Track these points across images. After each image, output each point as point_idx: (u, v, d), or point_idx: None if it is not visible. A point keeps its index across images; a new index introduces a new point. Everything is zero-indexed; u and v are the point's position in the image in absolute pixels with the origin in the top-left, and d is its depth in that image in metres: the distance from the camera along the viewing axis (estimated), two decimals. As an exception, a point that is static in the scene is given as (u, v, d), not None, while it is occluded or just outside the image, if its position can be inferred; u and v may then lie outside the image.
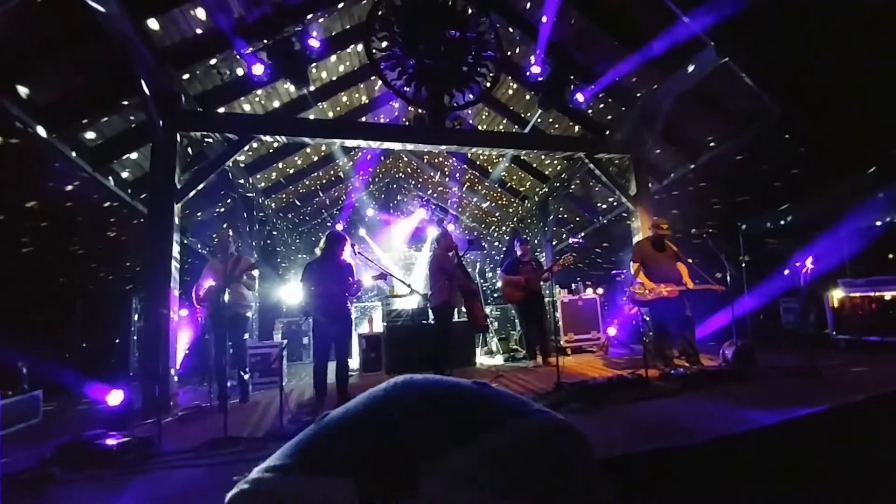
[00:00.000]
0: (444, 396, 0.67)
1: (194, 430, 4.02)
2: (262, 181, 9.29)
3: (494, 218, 13.46)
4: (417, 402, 0.65)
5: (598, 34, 6.60)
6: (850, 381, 4.26)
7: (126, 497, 2.62)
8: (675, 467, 2.59)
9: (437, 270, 5.77)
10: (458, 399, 0.67)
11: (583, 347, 7.83)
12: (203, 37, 5.57)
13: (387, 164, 12.24)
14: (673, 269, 5.68)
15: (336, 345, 4.92)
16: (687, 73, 6.22)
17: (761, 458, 2.80)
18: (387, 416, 0.64)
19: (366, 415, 0.66)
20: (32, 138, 5.13)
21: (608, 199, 9.96)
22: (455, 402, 0.66)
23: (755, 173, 7.68)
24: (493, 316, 8.70)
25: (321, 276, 4.85)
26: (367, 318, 8.63)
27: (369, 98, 8.87)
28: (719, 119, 7.05)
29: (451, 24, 6.28)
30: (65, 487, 2.78)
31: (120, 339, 6.74)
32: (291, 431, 3.58)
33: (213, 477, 2.86)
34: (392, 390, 0.69)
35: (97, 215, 7.07)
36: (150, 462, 3.14)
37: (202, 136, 5.96)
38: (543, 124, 8.77)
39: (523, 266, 6.90)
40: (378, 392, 0.70)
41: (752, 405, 3.51)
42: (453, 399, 0.67)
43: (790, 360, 4.93)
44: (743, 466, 2.72)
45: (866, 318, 6.08)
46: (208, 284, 5.24)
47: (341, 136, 6.51)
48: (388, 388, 0.71)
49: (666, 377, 4.76)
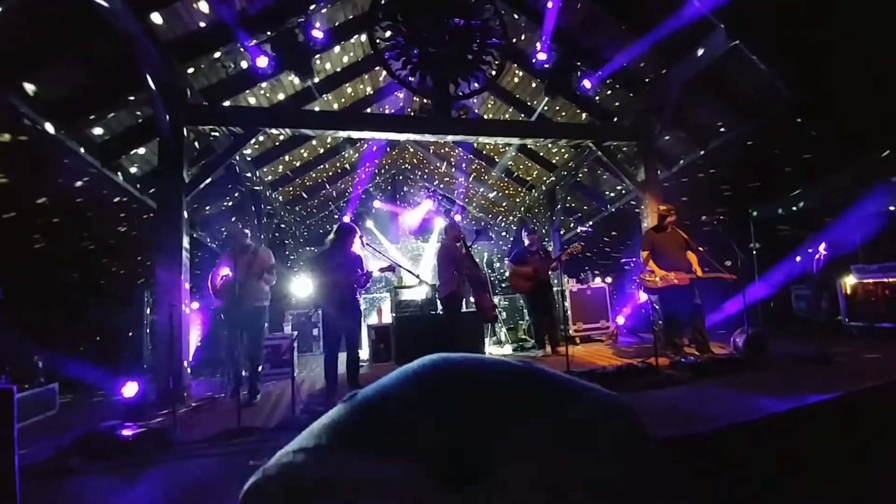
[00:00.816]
0: (496, 372, 0.64)
1: (208, 421, 4.09)
2: (269, 174, 9.30)
3: (502, 208, 13.40)
4: (468, 379, 0.62)
5: (604, 18, 6.51)
6: (862, 368, 4.23)
7: (142, 487, 2.67)
8: (687, 455, 2.58)
9: (445, 260, 5.77)
10: (513, 374, 0.63)
11: (592, 336, 7.82)
12: (206, 30, 5.56)
13: (393, 156, 12.21)
14: (683, 257, 5.64)
15: (346, 336, 4.96)
16: (696, 56, 6.12)
17: (773, 446, 2.79)
18: (443, 392, 0.60)
19: (416, 392, 0.61)
20: (41, 135, 5.17)
21: (616, 187, 9.87)
22: (511, 377, 0.63)
23: (766, 159, 7.58)
24: (502, 306, 8.69)
25: (330, 266, 4.88)
26: (376, 309, 8.66)
27: (374, 89, 8.84)
28: (729, 104, 6.94)
29: (456, 12, 6.21)
30: (83, 478, 2.83)
31: (133, 332, 6.82)
32: (303, 421, 3.62)
33: (227, 466, 2.90)
34: (433, 366, 0.65)
35: (107, 210, 7.13)
36: (165, 452, 3.19)
37: (209, 129, 5.97)
38: (550, 112, 8.69)
39: (531, 256, 6.88)
40: (418, 369, 0.65)
41: (763, 393, 3.50)
42: (508, 375, 0.63)
43: (802, 348, 4.89)
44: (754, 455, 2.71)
45: (879, 305, 6.01)
46: (224, 274, 5.10)
47: (347, 127, 6.49)
48: (429, 364, 0.66)
49: (676, 365, 4.75)
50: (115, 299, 7.06)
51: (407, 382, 0.64)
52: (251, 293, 4.99)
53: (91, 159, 5.86)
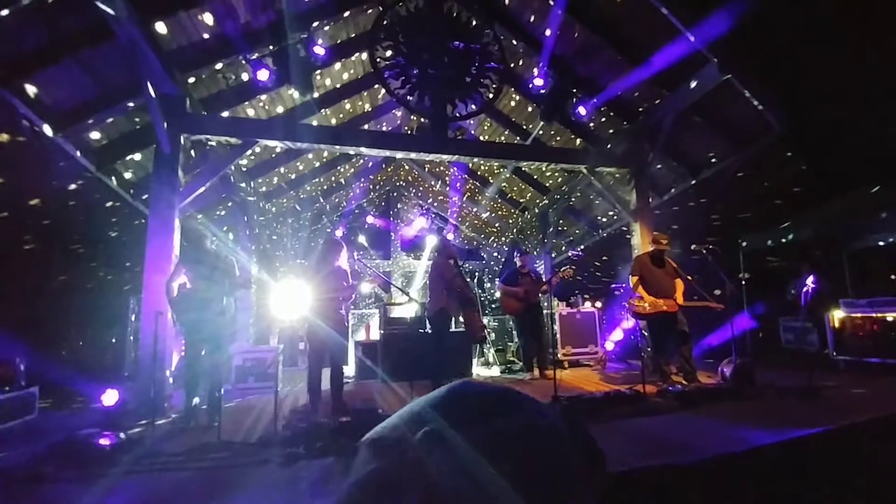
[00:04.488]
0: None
1: (188, 433, 4.01)
2: (263, 185, 9.32)
3: (494, 228, 13.47)
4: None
5: (601, 48, 6.65)
6: (850, 403, 4.23)
7: (117, 498, 2.60)
8: (671, 485, 2.56)
9: (437, 278, 5.76)
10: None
11: (580, 361, 7.79)
12: (210, 41, 5.63)
13: (388, 172, 12.28)
14: (671, 284, 5.67)
15: (332, 351, 4.90)
16: (689, 88, 6.26)
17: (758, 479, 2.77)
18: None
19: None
20: (39, 137, 5.16)
21: (608, 213, 9.97)
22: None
23: (756, 190, 7.70)
24: (491, 327, 8.67)
25: (316, 280, 4.85)
26: (364, 325, 8.61)
27: (372, 106, 8.93)
28: (721, 135, 7.07)
29: (456, 35, 6.34)
30: (58, 486, 2.78)
31: (117, 338, 6.72)
32: (285, 437, 3.57)
33: (205, 481, 2.84)
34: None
35: (99, 215, 7.09)
36: (142, 463, 3.12)
37: (205, 139, 5.98)
38: (545, 136, 8.81)
39: (522, 277, 6.89)
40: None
41: (750, 425, 3.48)
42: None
43: (789, 380, 4.89)
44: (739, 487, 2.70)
45: (867, 340, 6.04)
46: (181, 282, 4.54)
47: (344, 143, 6.52)
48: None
49: (663, 394, 4.73)
50: (101, 304, 6.97)
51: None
52: (212, 305, 4.47)
53: (86, 163, 5.85)
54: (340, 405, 4.64)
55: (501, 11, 6.90)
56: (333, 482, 2.74)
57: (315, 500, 2.50)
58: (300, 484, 2.73)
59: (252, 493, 2.61)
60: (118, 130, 6.08)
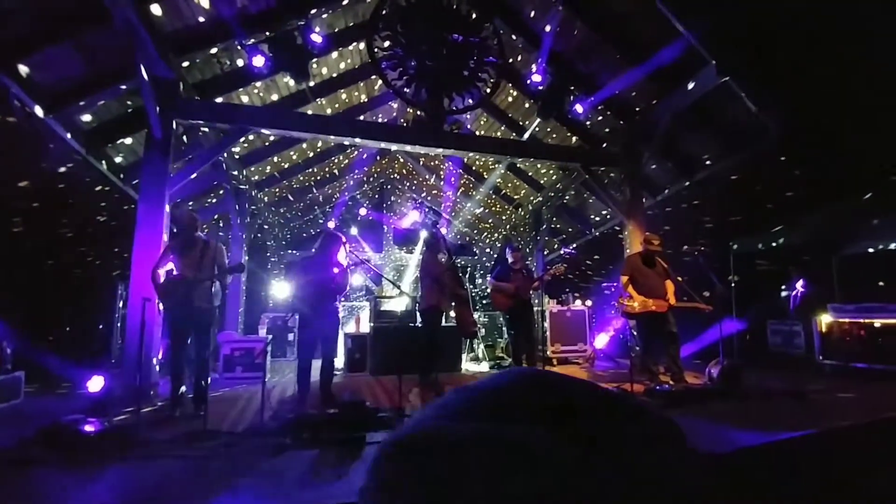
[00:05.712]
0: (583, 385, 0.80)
1: (174, 422, 3.99)
2: (255, 174, 9.23)
3: (487, 224, 13.46)
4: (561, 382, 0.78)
5: (600, 46, 6.63)
6: (835, 407, 4.28)
7: (102, 485, 2.59)
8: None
9: (428, 273, 5.74)
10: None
11: (569, 359, 7.83)
12: (205, 25, 5.53)
13: (382, 164, 12.21)
14: (662, 284, 5.69)
15: (322, 342, 4.87)
16: (687, 90, 6.26)
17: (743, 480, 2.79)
18: (543, 388, 0.73)
19: (519, 384, 0.75)
20: (29, 117, 5.07)
21: (601, 212, 9.99)
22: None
23: (749, 194, 7.74)
24: (482, 322, 8.67)
25: (309, 270, 4.82)
26: (354, 317, 8.57)
27: (369, 97, 8.86)
28: (717, 137, 7.09)
29: (455, 28, 6.28)
30: (45, 469, 2.78)
31: (104, 324, 6.65)
32: (272, 428, 3.55)
33: (190, 469, 2.82)
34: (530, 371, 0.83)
35: (88, 199, 6.99)
36: (127, 451, 3.09)
37: (198, 125, 5.90)
38: (541, 133, 8.79)
39: (514, 274, 6.87)
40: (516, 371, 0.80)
41: (737, 426, 3.51)
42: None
43: (776, 383, 4.95)
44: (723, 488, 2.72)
45: (854, 345, 6.09)
46: (168, 268, 4.48)
47: (338, 133, 6.47)
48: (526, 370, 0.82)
49: (651, 393, 4.76)
50: (89, 289, 6.89)
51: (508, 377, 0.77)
52: (200, 293, 4.43)
53: (77, 146, 5.75)
54: (329, 397, 4.63)
55: (502, 5, 6.85)
56: (321, 473, 2.73)
57: (302, 491, 2.49)
58: (286, 474, 2.72)
59: (237, 483, 2.59)
60: (109, 113, 5.97)
